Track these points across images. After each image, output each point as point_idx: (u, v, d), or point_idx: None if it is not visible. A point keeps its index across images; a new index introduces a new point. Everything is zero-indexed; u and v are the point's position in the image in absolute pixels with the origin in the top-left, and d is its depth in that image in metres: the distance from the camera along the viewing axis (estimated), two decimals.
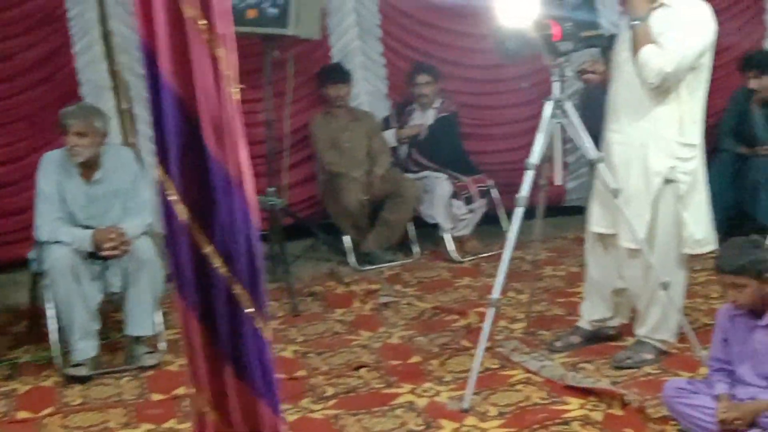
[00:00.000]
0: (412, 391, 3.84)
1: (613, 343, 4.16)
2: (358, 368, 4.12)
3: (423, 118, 6.13)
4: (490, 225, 6.10)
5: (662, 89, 3.67)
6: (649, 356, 3.95)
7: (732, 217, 5.50)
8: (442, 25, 6.29)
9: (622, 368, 3.90)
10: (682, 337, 3.99)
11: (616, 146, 3.87)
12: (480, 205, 6.02)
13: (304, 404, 3.76)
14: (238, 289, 2.09)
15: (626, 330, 4.19)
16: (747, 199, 5.44)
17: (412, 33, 6.32)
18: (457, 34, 6.26)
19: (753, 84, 5.41)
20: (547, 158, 3.82)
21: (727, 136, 5.60)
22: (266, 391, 2.17)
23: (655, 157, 3.74)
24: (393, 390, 3.87)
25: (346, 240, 5.83)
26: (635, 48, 3.68)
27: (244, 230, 2.06)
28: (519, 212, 3.66)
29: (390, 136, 6.13)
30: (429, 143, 6.06)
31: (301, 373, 4.11)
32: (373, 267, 5.73)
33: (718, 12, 3.87)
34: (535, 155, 3.68)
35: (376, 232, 5.87)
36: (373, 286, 5.30)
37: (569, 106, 3.70)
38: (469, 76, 6.34)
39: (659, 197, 3.77)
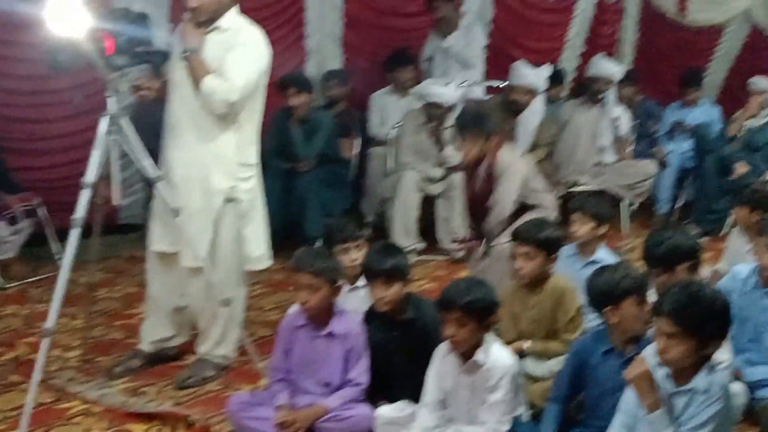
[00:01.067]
0: None
1: (175, 363, 4.11)
2: None
3: None
4: (36, 246, 5.67)
5: (229, 115, 3.73)
6: (210, 373, 3.97)
7: (283, 230, 5.79)
8: None
9: (185, 388, 3.87)
10: (242, 351, 4.08)
11: (177, 164, 3.83)
12: (25, 226, 5.57)
13: None
14: None
15: (188, 348, 4.17)
16: (296, 213, 5.76)
17: None
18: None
19: (292, 101, 5.75)
20: (104, 176, 3.64)
21: (271, 154, 5.86)
22: None
23: (217, 176, 3.78)
24: None
25: None
26: (194, 78, 3.68)
27: None
28: (75, 233, 3.43)
29: None
30: None
31: None
32: None
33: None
34: (92, 173, 3.48)
35: None
36: None
37: (125, 122, 3.57)
38: (13, 88, 5.82)
39: (221, 216, 3.81)
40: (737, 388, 3.40)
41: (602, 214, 4.31)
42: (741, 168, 6.63)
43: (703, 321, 2.61)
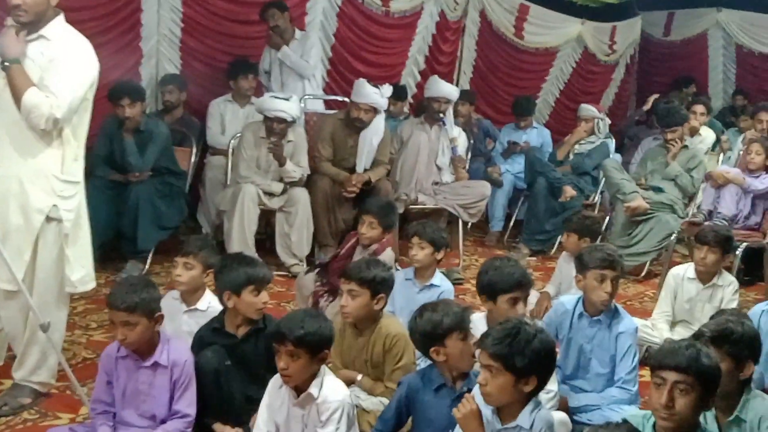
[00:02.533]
0: None
1: None
2: None
3: None
4: None
5: (53, 130, 3.50)
6: (27, 400, 3.72)
7: (110, 241, 5.53)
8: None
9: None
10: (62, 375, 3.83)
11: None
12: None
13: None
14: None
15: (3, 373, 3.88)
16: (127, 224, 5.51)
17: None
18: None
19: (126, 113, 5.48)
20: None
21: (100, 163, 5.58)
22: None
23: (37, 194, 3.53)
24: None
25: None
26: (15, 91, 3.42)
27: None
28: None
29: None
30: None
31: None
32: None
33: (94, 36, 3.83)
34: None
35: None
36: None
37: None
38: None
39: (41, 236, 3.56)
40: (562, 416, 3.51)
41: (439, 239, 4.37)
42: (569, 191, 6.92)
43: (521, 357, 2.65)
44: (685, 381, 2.60)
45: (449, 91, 6.70)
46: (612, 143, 7.69)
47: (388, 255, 4.60)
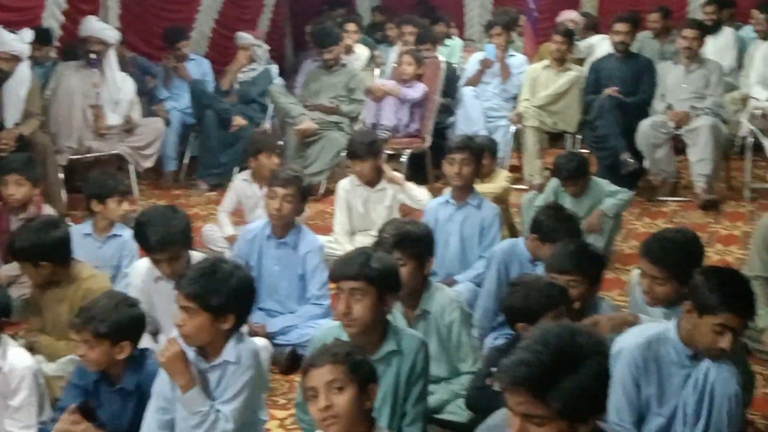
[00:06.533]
0: None
1: None
2: None
3: None
4: None
5: None
6: None
7: None
8: None
9: None
10: None
11: None
12: None
13: None
14: None
15: None
16: None
17: None
18: None
19: None
20: None
21: None
22: None
23: None
24: None
25: None
26: None
27: None
28: None
29: None
30: None
31: None
32: None
33: None
34: None
35: None
36: None
37: None
38: None
39: None
40: (263, 342, 3.54)
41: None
42: (239, 120, 6.89)
43: (217, 296, 2.65)
44: (358, 287, 2.73)
45: (105, 31, 6.32)
46: (275, 68, 7.73)
47: (48, 211, 4.34)
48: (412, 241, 3.25)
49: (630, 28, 6.62)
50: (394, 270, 2.87)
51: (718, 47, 7.17)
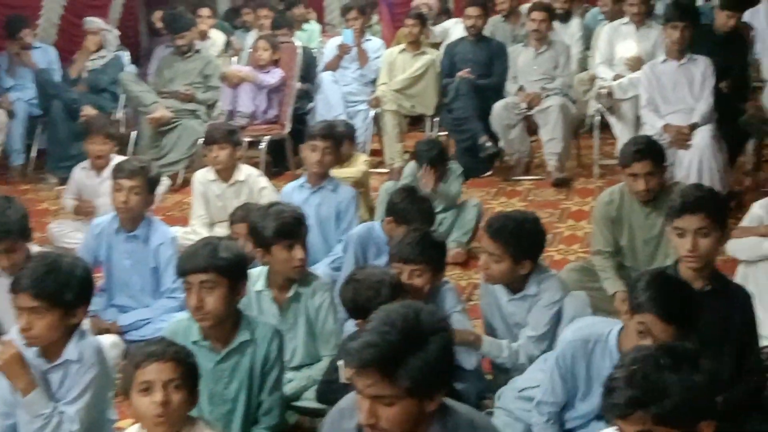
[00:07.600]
0: None
1: None
2: None
3: None
4: None
5: None
6: None
7: None
8: None
9: None
10: None
11: None
12: None
13: None
14: None
15: None
16: None
17: None
18: None
19: None
20: None
21: None
22: None
23: None
24: None
25: None
26: None
27: None
28: None
29: None
30: None
31: None
32: None
33: None
34: None
35: None
36: None
37: None
38: None
39: None
40: (113, 338, 3.43)
41: None
42: (88, 111, 6.62)
43: (69, 291, 2.56)
44: (208, 279, 2.69)
45: None
46: (126, 55, 7.49)
47: None
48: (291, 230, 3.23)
49: (481, 12, 6.74)
50: (242, 257, 2.83)
51: (568, 36, 7.39)
